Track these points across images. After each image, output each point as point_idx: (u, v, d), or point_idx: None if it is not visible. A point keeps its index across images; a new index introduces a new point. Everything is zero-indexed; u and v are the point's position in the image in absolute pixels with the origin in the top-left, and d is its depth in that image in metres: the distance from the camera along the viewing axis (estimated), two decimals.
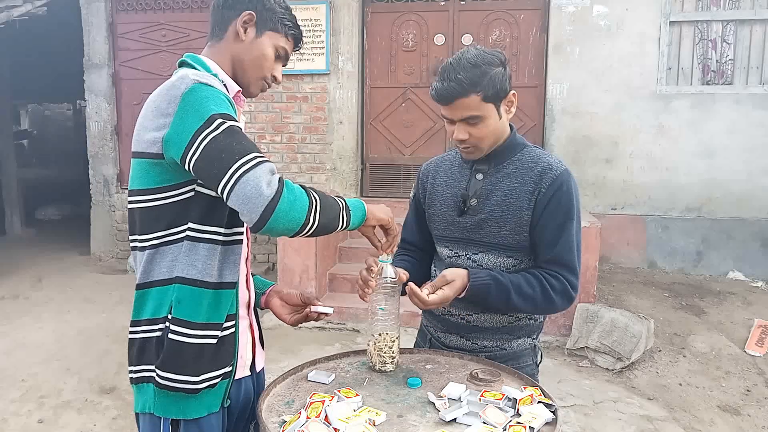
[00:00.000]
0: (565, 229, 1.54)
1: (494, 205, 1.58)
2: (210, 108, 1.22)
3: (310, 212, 1.21)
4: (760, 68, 5.35)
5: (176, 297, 1.31)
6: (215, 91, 1.26)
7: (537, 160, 1.58)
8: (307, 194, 1.23)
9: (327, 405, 1.24)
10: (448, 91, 1.48)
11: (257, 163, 1.19)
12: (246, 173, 1.16)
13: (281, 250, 4.81)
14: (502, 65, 1.51)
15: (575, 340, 4.14)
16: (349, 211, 1.32)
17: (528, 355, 1.68)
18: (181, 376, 1.31)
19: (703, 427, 3.30)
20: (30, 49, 7.80)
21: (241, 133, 1.23)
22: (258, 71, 1.43)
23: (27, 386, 3.71)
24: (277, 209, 1.15)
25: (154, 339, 1.33)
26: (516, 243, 1.58)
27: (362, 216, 1.36)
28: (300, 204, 1.19)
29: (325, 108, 5.97)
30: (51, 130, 15.20)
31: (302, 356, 3.88)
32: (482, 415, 1.24)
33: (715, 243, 5.42)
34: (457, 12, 5.77)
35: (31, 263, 6.51)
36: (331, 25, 5.84)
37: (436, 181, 1.73)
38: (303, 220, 1.20)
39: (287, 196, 1.17)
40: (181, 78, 1.27)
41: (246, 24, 1.40)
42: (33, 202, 9.02)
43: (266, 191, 1.15)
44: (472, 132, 1.52)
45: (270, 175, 1.18)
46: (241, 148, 1.19)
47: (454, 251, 1.66)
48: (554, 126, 5.59)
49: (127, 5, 6.33)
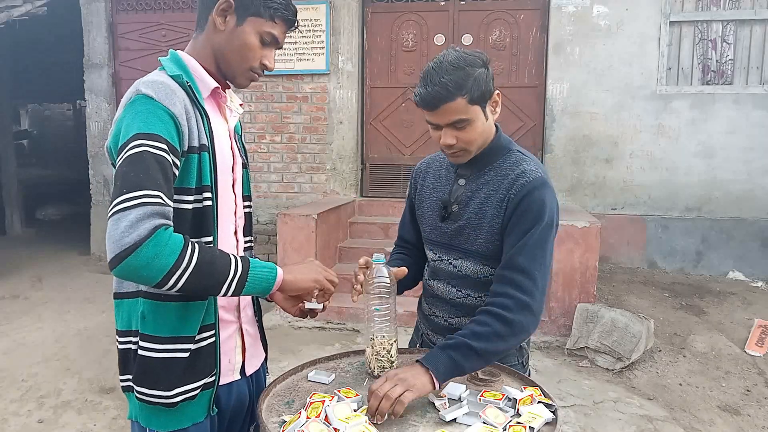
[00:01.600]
0: (532, 237, 1.44)
1: (472, 213, 1.56)
2: (137, 125, 1.17)
3: (171, 275, 1.11)
4: (760, 68, 5.35)
5: (141, 311, 1.27)
6: (155, 105, 1.20)
7: (514, 167, 1.53)
8: (180, 255, 1.12)
9: (327, 405, 1.24)
10: (433, 96, 1.42)
11: (136, 204, 1.10)
12: (119, 212, 1.09)
13: (281, 250, 4.81)
14: (485, 65, 1.46)
15: (575, 340, 4.14)
16: (242, 282, 1.22)
17: (513, 355, 1.67)
18: (153, 390, 1.28)
19: (703, 427, 3.30)
20: (30, 49, 7.81)
21: (150, 161, 1.14)
22: (242, 62, 1.35)
23: (27, 386, 3.71)
24: (127, 261, 1.07)
25: (131, 352, 1.31)
26: (490, 252, 1.53)
27: (266, 288, 1.27)
28: (161, 263, 1.10)
29: (325, 108, 5.97)
30: (51, 130, 15.20)
31: (302, 356, 3.89)
32: (482, 415, 1.24)
33: (715, 243, 5.42)
34: (457, 12, 5.77)
35: (31, 263, 6.51)
36: (331, 25, 5.83)
37: (425, 183, 1.72)
38: (158, 279, 1.11)
39: (146, 252, 1.08)
40: (134, 86, 1.25)
41: (224, 12, 1.32)
42: (33, 202, 9.03)
43: (125, 239, 1.07)
44: (459, 136, 1.48)
45: (143, 222, 1.09)
46: (133, 183, 1.12)
47: (437, 255, 1.66)
48: (554, 126, 5.59)
49: (127, 5, 6.33)
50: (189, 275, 1.13)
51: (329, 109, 5.96)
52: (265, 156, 6.14)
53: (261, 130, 6.11)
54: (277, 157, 6.12)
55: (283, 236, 4.79)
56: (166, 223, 1.13)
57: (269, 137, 6.11)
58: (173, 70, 1.30)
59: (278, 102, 6.05)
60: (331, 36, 5.84)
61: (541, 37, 5.64)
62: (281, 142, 6.10)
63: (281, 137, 6.10)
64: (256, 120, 6.10)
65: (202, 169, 1.28)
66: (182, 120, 1.23)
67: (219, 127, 1.36)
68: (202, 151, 1.28)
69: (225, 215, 1.36)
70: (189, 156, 1.25)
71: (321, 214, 4.83)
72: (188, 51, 1.38)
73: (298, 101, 6.01)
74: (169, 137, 1.19)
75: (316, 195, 6.07)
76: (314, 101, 5.98)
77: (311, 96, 5.98)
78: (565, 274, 4.36)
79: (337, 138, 5.99)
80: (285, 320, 4.65)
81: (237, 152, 1.43)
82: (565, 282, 4.36)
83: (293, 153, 6.10)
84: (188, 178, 1.25)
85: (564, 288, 4.37)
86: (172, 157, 1.19)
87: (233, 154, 1.40)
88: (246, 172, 1.48)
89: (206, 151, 1.28)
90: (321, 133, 6.02)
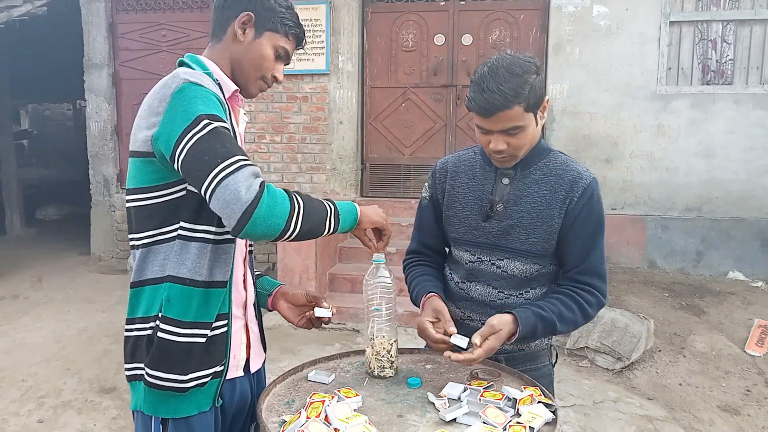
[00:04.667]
0: (597, 239, 1.55)
1: (523, 212, 1.55)
2: (198, 108, 1.22)
3: (291, 218, 1.20)
4: (760, 68, 5.35)
5: (167, 295, 1.30)
6: (205, 90, 1.26)
7: (565, 168, 1.56)
8: (290, 199, 1.21)
9: (327, 405, 1.24)
10: (491, 104, 1.40)
11: (239, 167, 1.17)
12: (226, 177, 1.16)
13: (281, 250, 4.81)
14: (538, 72, 1.45)
15: (575, 340, 4.14)
16: (338, 216, 1.32)
17: (545, 355, 1.70)
18: (169, 374, 1.30)
19: (703, 427, 3.30)
20: (30, 49, 7.80)
21: (226, 134, 1.22)
22: (257, 72, 1.43)
23: (27, 386, 3.71)
24: (255, 214, 1.14)
25: (145, 337, 1.33)
26: (543, 250, 1.55)
27: (354, 220, 1.37)
28: (280, 209, 1.18)
29: (325, 108, 5.97)
30: (51, 130, 15.19)
31: (302, 356, 3.88)
32: (482, 415, 1.24)
33: (715, 243, 5.42)
34: (457, 12, 5.78)
35: (31, 263, 6.51)
36: (331, 25, 5.84)
37: (456, 182, 1.65)
38: (283, 226, 1.19)
39: (266, 201, 1.16)
40: (172, 77, 1.28)
41: (244, 25, 1.40)
42: (33, 202, 9.03)
43: (245, 196, 1.14)
44: (510, 142, 1.47)
45: (251, 179, 1.17)
46: (225, 152, 1.18)
47: (476, 256, 1.61)
48: (554, 126, 5.59)
49: (127, 5, 6.33)
50: (303, 217, 1.22)
51: (329, 109, 5.96)
52: (265, 156, 6.14)
53: (261, 130, 6.11)
54: (277, 157, 6.12)
55: None
56: (264, 178, 1.21)
57: (269, 137, 6.11)
58: (202, 68, 1.36)
59: (278, 102, 6.05)
60: (331, 36, 5.84)
61: (541, 37, 5.64)
62: (281, 142, 6.10)
63: (281, 137, 6.10)
64: (256, 120, 6.10)
65: None
66: (224, 106, 1.31)
67: (236, 128, 1.41)
68: None
69: None
70: None
71: None
72: (206, 56, 1.43)
73: (298, 101, 6.01)
74: (227, 120, 1.27)
75: (316, 195, 6.05)
76: (314, 101, 5.98)
77: (311, 96, 5.98)
78: None
79: (337, 138, 5.99)
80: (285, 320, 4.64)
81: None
82: None
83: (293, 153, 6.10)
84: None
85: None
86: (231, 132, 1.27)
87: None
88: None
89: None
90: (321, 133, 6.02)
